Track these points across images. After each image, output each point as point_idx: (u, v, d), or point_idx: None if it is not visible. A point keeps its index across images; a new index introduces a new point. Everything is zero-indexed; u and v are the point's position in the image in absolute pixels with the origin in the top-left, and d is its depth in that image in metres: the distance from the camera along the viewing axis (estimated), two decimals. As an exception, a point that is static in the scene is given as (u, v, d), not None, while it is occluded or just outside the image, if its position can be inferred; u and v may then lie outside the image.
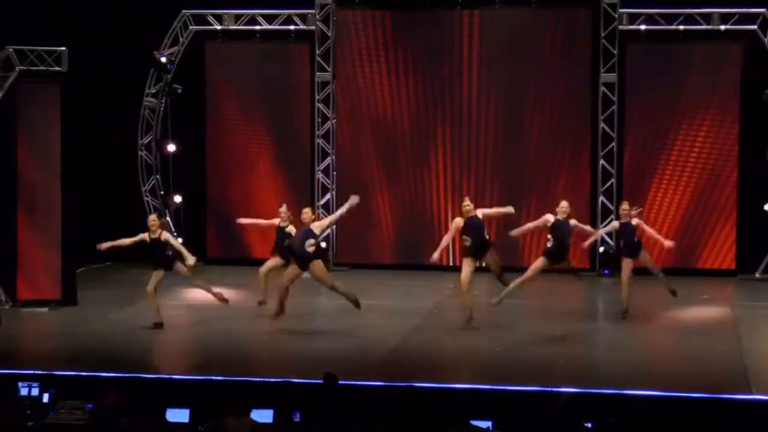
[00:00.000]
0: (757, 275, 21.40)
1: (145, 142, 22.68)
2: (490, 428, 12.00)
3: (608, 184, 21.71)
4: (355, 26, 22.12)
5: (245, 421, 11.99)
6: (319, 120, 22.30)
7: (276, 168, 22.52)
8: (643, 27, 21.39)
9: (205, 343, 16.20)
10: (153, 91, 22.56)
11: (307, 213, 16.31)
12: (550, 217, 16.66)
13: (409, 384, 13.66)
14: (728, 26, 21.10)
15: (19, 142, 18.17)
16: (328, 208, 22.30)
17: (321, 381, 12.74)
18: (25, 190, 18.25)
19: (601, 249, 21.65)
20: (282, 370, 14.41)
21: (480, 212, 16.62)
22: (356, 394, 13.05)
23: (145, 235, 16.82)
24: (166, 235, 16.87)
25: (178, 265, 16.73)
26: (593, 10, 21.42)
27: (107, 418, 12.37)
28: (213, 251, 22.81)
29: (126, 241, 16.89)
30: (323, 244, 16.54)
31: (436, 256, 16.60)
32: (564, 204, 16.80)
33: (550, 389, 13.20)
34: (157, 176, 22.75)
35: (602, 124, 21.58)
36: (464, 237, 16.63)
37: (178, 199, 22.74)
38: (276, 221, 17.80)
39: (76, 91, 18.69)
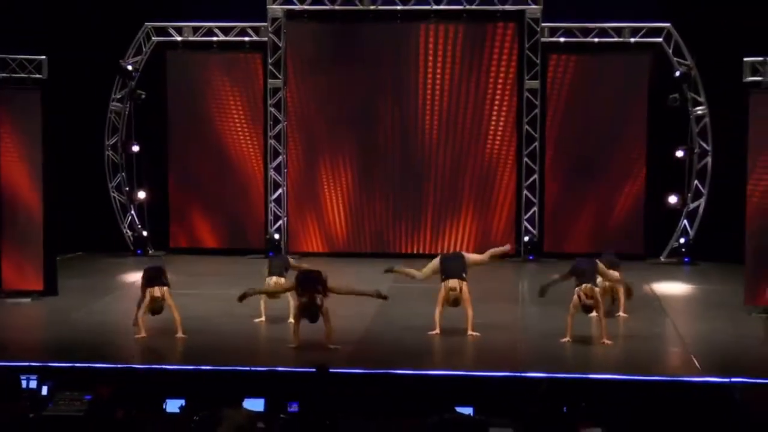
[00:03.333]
0: (662, 259, 20.78)
1: (111, 142, 21.36)
2: (472, 414, 11.11)
3: (531, 179, 20.89)
4: (304, 38, 20.97)
5: (240, 412, 11.10)
6: (271, 122, 21.16)
7: (232, 165, 21.36)
8: (562, 39, 20.61)
9: (190, 333, 14.58)
10: (118, 97, 21.26)
11: None
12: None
13: (387, 371, 12.60)
14: (637, 39, 20.45)
15: (1, 144, 16.68)
16: (279, 202, 21.21)
17: (312, 370, 11.71)
18: (7, 189, 16.77)
19: (526, 238, 20.84)
20: (259, 360, 13.24)
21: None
22: (344, 383, 11.93)
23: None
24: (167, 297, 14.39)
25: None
26: (518, 23, 20.57)
27: (104, 410, 11.35)
28: (175, 242, 21.56)
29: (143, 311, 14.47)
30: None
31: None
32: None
33: (520, 374, 12.29)
34: (123, 174, 21.42)
35: (526, 126, 20.77)
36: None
37: (142, 194, 21.43)
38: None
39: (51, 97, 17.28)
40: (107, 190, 21.36)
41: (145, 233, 21.35)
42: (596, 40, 20.43)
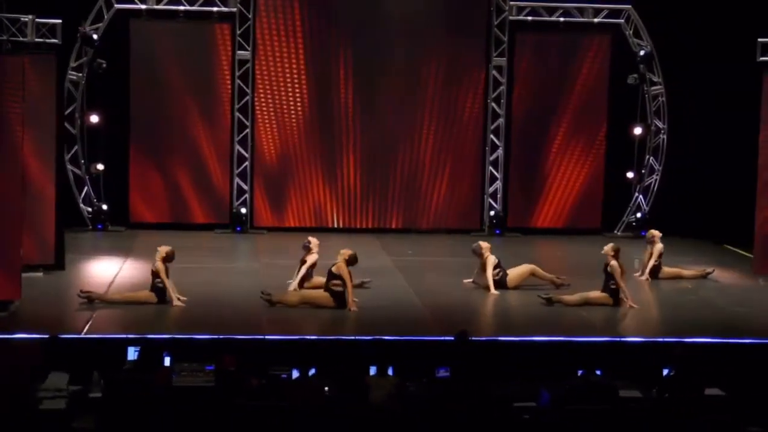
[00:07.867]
0: (618, 233, 21.69)
1: (67, 113, 20.48)
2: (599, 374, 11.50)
3: (495, 154, 21.44)
4: (274, 8, 20.79)
5: (387, 379, 11.26)
6: (238, 95, 20.84)
7: (196, 139, 20.98)
8: (529, 18, 21.19)
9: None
10: (75, 65, 20.43)
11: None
12: None
13: (493, 338, 13.00)
14: (599, 20, 21.22)
15: (16, 114, 15.84)
16: (244, 176, 21.00)
17: (452, 338, 11.97)
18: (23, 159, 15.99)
19: (492, 213, 21.40)
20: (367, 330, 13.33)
21: None
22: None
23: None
24: (158, 266, 14.63)
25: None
26: (487, 1, 21.05)
27: (235, 380, 11.30)
28: (136, 216, 20.99)
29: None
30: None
31: None
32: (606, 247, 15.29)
33: (619, 339, 13.05)
34: (79, 146, 20.62)
35: (492, 103, 21.29)
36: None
37: (100, 167, 20.72)
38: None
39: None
40: (63, 163, 20.45)
41: (105, 207, 20.72)
42: (561, 19, 21.15)
